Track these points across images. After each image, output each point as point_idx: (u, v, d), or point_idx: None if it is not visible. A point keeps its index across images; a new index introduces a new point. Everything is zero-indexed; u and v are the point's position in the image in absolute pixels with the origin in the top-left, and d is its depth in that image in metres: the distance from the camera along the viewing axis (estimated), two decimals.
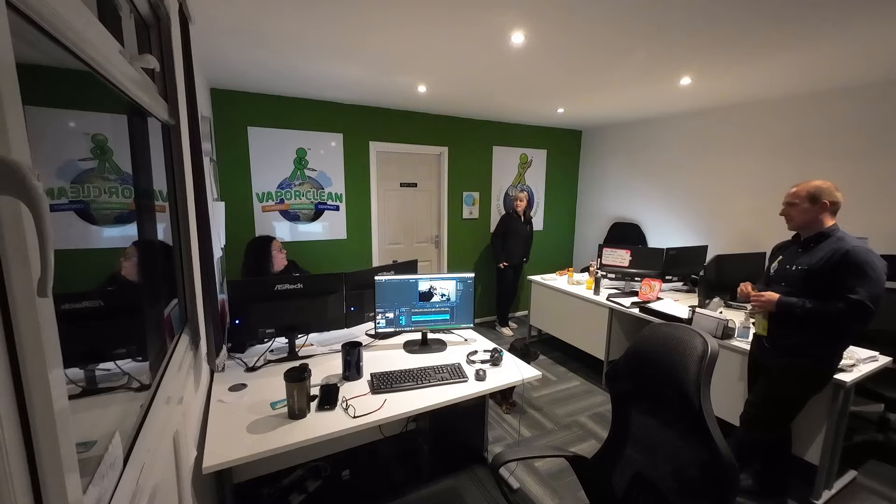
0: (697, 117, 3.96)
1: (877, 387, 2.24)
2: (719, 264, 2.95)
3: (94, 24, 0.70)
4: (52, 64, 0.63)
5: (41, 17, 0.52)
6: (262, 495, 1.95)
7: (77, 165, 0.76)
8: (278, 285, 1.93)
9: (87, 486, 0.56)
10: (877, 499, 2.07)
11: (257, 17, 1.91)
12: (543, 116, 4.39)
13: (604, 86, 3.07)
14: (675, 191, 4.25)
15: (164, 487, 0.91)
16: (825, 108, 3.08)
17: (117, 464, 0.68)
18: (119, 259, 0.94)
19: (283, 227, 3.74)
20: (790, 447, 2.01)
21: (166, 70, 1.28)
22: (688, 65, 2.53)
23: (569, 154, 5.31)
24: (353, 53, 2.40)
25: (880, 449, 2.46)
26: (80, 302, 0.74)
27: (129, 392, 0.87)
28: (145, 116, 1.10)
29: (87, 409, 0.71)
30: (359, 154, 3.97)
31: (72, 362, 0.64)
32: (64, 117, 0.75)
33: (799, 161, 3.24)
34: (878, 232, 2.85)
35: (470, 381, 1.76)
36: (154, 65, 1.01)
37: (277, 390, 1.61)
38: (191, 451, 1.23)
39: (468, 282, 2.12)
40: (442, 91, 3.29)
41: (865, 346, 2.19)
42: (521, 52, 2.31)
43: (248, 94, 3.41)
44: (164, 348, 1.16)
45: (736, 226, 3.71)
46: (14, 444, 0.41)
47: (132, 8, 1.08)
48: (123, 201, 0.96)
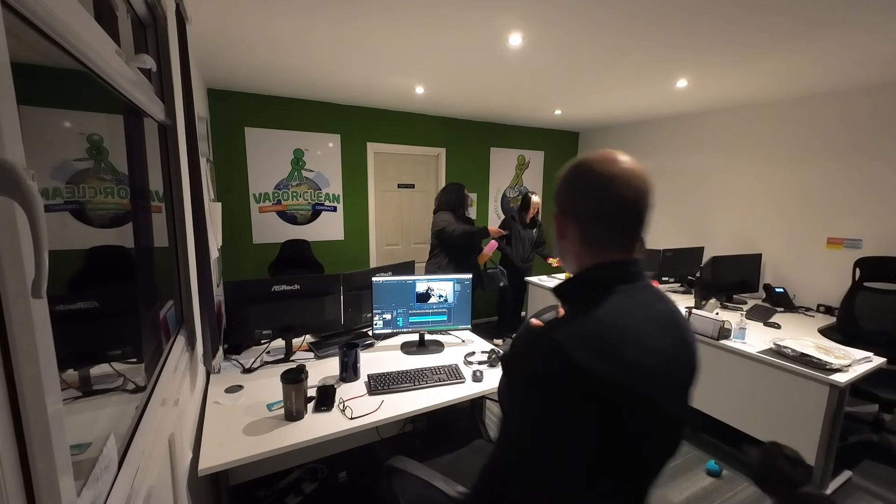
0: (694, 119, 3.98)
1: (871, 387, 2.26)
2: (715, 266, 2.97)
3: (90, 23, 0.70)
4: (48, 63, 0.63)
5: (37, 16, 0.51)
6: (259, 497, 1.94)
7: (72, 166, 0.76)
8: (275, 286, 1.93)
9: (81, 488, 0.56)
10: (871, 499, 2.08)
11: (254, 17, 1.91)
12: (541, 118, 4.40)
13: (601, 87, 3.09)
14: (671, 192, 4.27)
15: (159, 490, 0.91)
16: (821, 110, 3.10)
17: (112, 466, 0.67)
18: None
19: (280, 228, 3.73)
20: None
21: (163, 70, 1.28)
22: (684, 67, 2.54)
23: (566, 155, 5.33)
24: (351, 54, 2.40)
25: (875, 449, 2.48)
26: (74, 303, 0.74)
27: (124, 394, 0.87)
28: (141, 116, 1.10)
29: (82, 411, 0.71)
30: (356, 155, 3.96)
31: (66, 364, 0.63)
32: (59, 117, 0.75)
33: (795, 163, 3.26)
34: (873, 234, 2.87)
35: (467, 382, 1.76)
36: (151, 65, 1.00)
37: (274, 392, 1.60)
38: (186, 454, 1.23)
39: (465, 283, 2.12)
40: (439, 92, 3.29)
41: (860, 346, 2.20)
42: (519, 53, 2.32)
43: (245, 95, 3.41)
44: (160, 350, 1.15)
45: (732, 227, 3.73)
46: (7, 446, 0.41)
47: (129, 7, 1.07)
48: (119, 202, 0.95)
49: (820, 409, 1.95)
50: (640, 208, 0.66)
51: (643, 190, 0.66)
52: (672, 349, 0.66)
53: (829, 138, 3.06)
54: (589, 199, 0.67)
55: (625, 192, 0.65)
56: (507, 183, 4.95)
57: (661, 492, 2.12)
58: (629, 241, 0.68)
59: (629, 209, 0.66)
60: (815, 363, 1.99)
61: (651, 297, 0.69)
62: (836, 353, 2.04)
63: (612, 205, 0.65)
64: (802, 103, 3.19)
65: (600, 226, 0.67)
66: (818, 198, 3.14)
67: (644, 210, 0.66)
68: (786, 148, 3.31)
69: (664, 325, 0.67)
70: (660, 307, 0.69)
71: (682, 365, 0.68)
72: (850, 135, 2.96)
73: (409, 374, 1.75)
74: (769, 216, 3.42)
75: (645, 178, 0.66)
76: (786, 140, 3.31)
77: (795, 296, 3.14)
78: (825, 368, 1.95)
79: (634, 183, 0.65)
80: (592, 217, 0.68)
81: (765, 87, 2.97)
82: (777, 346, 2.15)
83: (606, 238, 0.68)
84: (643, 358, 0.61)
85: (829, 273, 3.08)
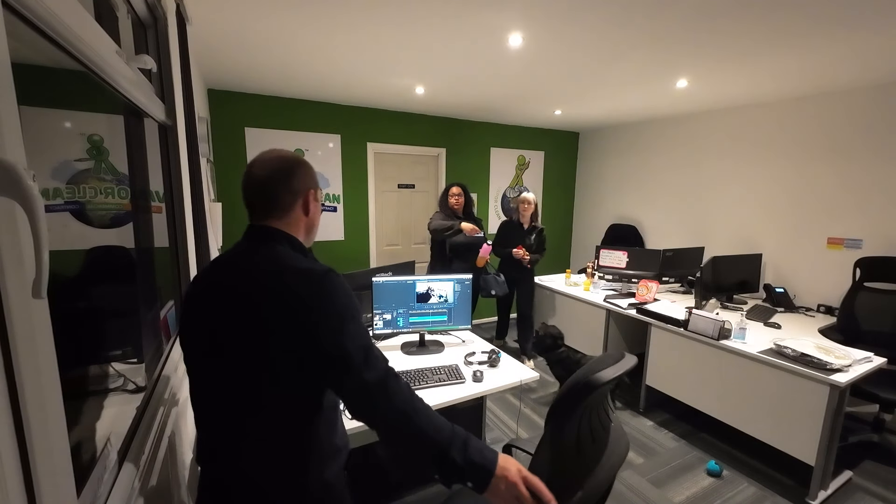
0: (694, 119, 3.98)
1: (871, 387, 2.25)
2: (716, 266, 2.96)
3: (90, 24, 0.70)
4: (49, 64, 0.63)
5: (37, 16, 0.51)
6: None
7: (73, 166, 0.76)
8: None
9: (81, 488, 0.56)
10: (872, 499, 2.08)
11: (255, 17, 1.91)
12: (541, 118, 4.40)
13: (601, 88, 3.09)
14: (672, 192, 4.27)
15: (159, 490, 0.91)
16: (822, 110, 3.10)
17: (112, 466, 0.67)
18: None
19: None
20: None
21: (163, 70, 1.28)
22: (685, 67, 2.54)
23: (566, 156, 5.33)
24: (351, 54, 2.40)
25: (875, 449, 2.48)
26: (75, 303, 0.74)
27: (124, 394, 0.87)
28: (142, 117, 1.10)
29: (83, 411, 0.71)
30: (356, 155, 3.96)
31: (67, 364, 0.63)
32: (60, 117, 0.75)
33: (795, 163, 3.26)
34: (873, 234, 2.87)
35: (467, 382, 1.75)
36: (151, 65, 1.00)
37: None
38: (187, 454, 1.23)
39: (465, 283, 2.12)
40: (440, 92, 3.29)
41: (860, 346, 2.20)
42: (519, 53, 2.32)
43: (245, 95, 3.41)
44: (161, 350, 1.15)
45: (732, 227, 3.73)
46: (7, 446, 0.41)
47: (129, 8, 1.07)
48: (119, 202, 0.95)
49: (820, 410, 1.95)
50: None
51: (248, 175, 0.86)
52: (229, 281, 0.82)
53: (830, 138, 3.06)
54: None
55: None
56: (508, 183, 4.95)
57: (661, 492, 2.12)
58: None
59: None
60: (815, 363, 1.99)
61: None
62: (836, 354, 2.04)
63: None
64: (803, 103, 3.19)
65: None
66: (819, 198, 3.14)
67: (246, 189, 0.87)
68: (786, 148, 3.31)
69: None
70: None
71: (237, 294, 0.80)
72: (850, 134, 2.96)
73: (409, 375, 1.75)
74: (770, 216, 3.42)
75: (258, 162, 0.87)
76: (786, 140, 3.31)
77: (796, 296, 3.14)
78: (825, 368, 1.95)
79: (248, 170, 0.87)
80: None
81: (765, 87, 2.97)
82: (777, 346, 2.15)
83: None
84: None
85: (829, 273, 3.08)
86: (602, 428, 1.18)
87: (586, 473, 1.11)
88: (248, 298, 0.77)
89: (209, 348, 0.79)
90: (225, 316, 0.78)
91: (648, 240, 4.55)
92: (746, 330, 2.32)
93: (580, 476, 1.10)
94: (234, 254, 0.85)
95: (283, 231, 0.85)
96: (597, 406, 1.15)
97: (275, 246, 0.83)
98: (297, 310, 0.74)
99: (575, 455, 1.09)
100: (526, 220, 3.58)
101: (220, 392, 0.80)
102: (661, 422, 2.76)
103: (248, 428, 0.78)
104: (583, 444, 1.10)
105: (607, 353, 1.18)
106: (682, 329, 2.50)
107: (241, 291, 0.78)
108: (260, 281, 0.78)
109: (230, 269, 0.83)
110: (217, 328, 0.78)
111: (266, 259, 0.81)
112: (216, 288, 0.82)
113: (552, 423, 1.09)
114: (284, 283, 0.76)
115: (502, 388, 1.78)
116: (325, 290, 0.77)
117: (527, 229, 3.58)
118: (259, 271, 0.79)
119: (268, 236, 0.84)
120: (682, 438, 2.58)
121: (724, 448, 2.46)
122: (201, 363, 0.82)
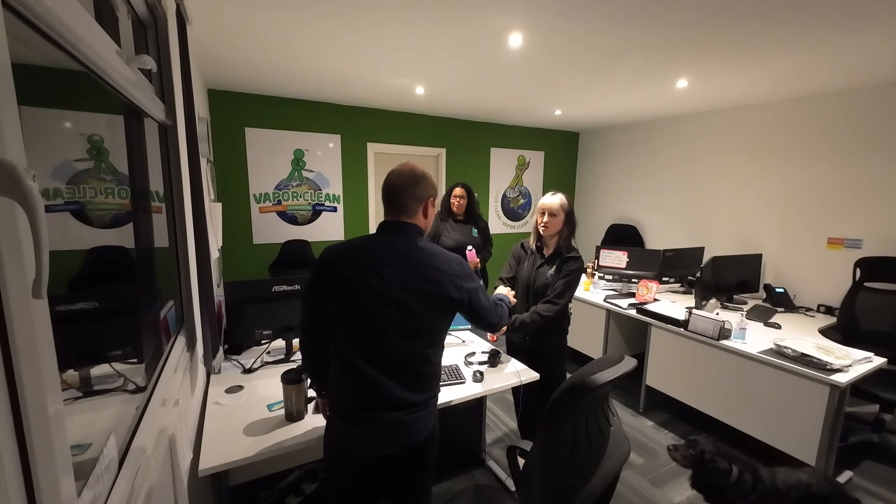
0: (694, 119, 3.98)
1: (871, 387, 2.25)
2: (716, 266, 2.96)
3: (90, 23, 0.70)
4: (48, 64, 0.63)
5: (37, 16, 0.51)
6: (259, 498, 1.94)
7: (73, 166, 0.76)
8: (275, 286, 1.92)
9: (81, 488, 0.56)
10: (872, 499, 2.08)
11: (255, 17, 1.91)
12: (541, 118, 4.41)
13: (601, 88, 3.09)
14: (672, 192, 4.27)
15: (159, 490, 0.91)
16: (821, 110, 3.10)
17: (112, 466, 0.67)
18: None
19: (280, 228, 3.73)
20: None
21: (163, 71, 1.28)
22: (684, 67, 2.54)
23: (566, 156, 5.33)
24: (351, 55, 2.41)
25: (875, 449, 2.47)
26: (75, 303, 0.74)
27: (124, 394, 0.87)
28: (142, 117, 1.10)
29: (82, 412, 0.71)
30: (357, 155, 3.96)
31: (67, 364, 0.63)
32: (60, 117, 0.75)
33: (795, 163, 3.26)
34: (873, 235, 2.87)
35: (468, 382, 1.75)
36: (151, 65, 1.00)
37: (274, 392, 1.60)
38: (187, 454, 1.22)
39: None
40: (440, 93, 3.29)
41: (860, 347, 2.20)
42: (519, 53, 2.32)
43: (245, 95, 3.41)
44: (160, 350, 1.15)
45: (732, 227, 3.73)
46: (8, 446, 0.41)
47: (129, 8, 1.07)
48: (119, 202, 0.95)
49: (820, 410, 1.95)
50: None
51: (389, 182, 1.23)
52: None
53: (830, 138, 3.06)
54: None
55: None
56: (508, 183, 4.96)
57: (661, 492, 2.12)
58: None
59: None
60: (815, 363, 1.98)
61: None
62: (836, 354, 2.04)
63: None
64: (803, 103, 3.19)
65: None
66: (819, 198, 3.14)
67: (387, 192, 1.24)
68: (786, 148, 3.31)
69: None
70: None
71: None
72: (850, 135, 2.96)
73: None
74: (770, 216, 3.42)
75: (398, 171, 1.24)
76: (786, 140, 3.31)
77: (796, 296, 3.14)
78: (825, 369, 1.95)
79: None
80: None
81: (765, 88, 2.97)
82: (777, 346, 2.15)
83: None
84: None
85: (829, 273, 3.08)
86: (600, 432, 1.17)
87: (581, 477, 1.10)
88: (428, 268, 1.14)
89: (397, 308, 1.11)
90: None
91: (648, 240, 4.55)
92: (746, 330, 2.32)
93: (574, 479, 1.10)
94: (368, 239, 1.20)
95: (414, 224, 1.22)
96: (594, 409, 1.14)
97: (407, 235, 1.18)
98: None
99: (569, 457, 1.09)
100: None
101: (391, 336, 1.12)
102: (661, 422, 2.75)
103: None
104: (578, 446, 1.10)
105: (606, 355, 1.18)
106: (682, 329, 2.50)
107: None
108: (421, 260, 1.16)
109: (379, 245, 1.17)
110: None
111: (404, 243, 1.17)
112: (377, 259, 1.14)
113: (547, 424, 1.08)
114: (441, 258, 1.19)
115: (502, 388, 1.78)
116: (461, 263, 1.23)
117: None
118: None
119: (400, 229, 1.19)
120: (683, 438, 2.58)
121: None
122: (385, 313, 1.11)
